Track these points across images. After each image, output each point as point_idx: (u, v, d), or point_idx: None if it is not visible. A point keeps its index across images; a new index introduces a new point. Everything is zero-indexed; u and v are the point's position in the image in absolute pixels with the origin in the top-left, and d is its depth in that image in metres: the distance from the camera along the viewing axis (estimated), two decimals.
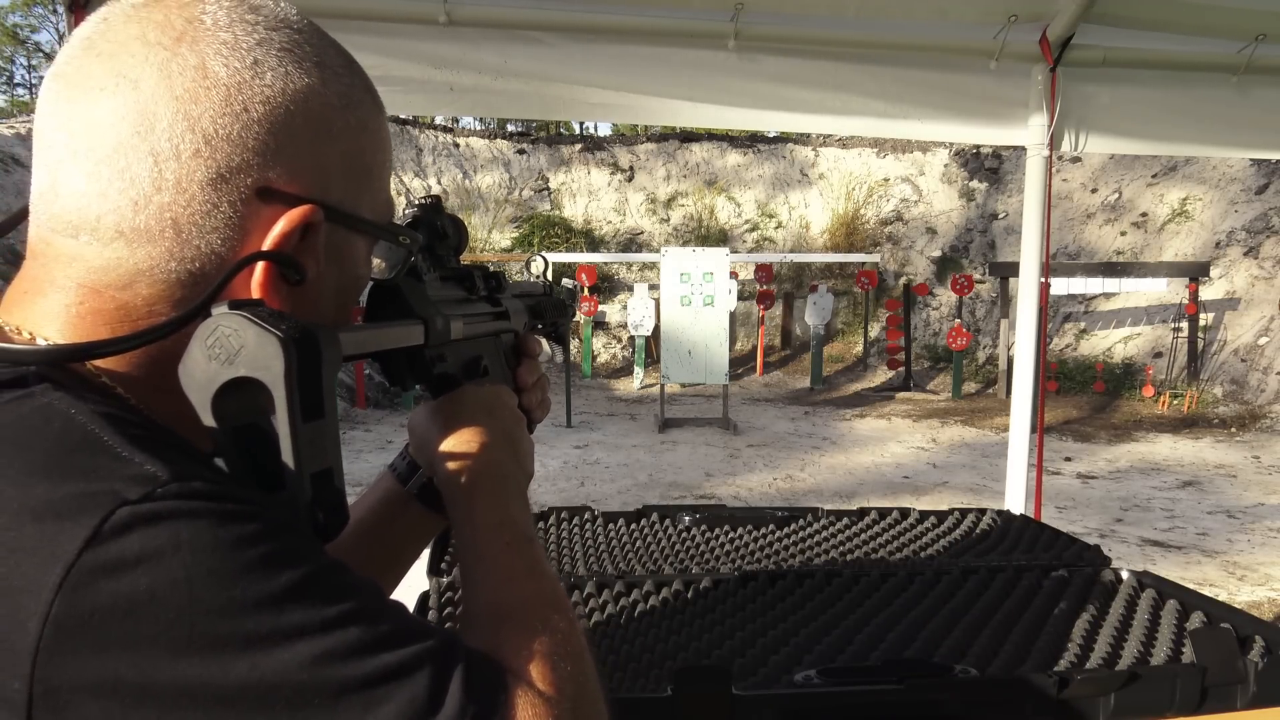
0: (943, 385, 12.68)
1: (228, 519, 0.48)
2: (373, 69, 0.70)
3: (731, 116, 2.47)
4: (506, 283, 0.94)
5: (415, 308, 0.72)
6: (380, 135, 0.67)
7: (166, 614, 0.45)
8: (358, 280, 0.68)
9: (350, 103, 0.63)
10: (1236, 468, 8.00)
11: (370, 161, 0.65)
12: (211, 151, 0.56)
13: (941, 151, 15.91)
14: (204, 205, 0.56)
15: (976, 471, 7.65)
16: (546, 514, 1.87)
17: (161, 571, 0.46)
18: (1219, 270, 11.85)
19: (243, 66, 0.57)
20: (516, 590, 0.66)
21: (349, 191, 0.63)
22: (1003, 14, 2.33)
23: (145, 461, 0.49)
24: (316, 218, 0.60)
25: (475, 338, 0.83)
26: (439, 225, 0.81)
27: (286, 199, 0.59)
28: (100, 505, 0.46)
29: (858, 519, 1.88)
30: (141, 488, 0.47)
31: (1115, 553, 4.86)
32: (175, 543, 0.46)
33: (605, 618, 1.32)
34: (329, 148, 0.61)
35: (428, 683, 0.51)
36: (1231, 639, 1.19)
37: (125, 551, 0.45)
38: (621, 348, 14.58)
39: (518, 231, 15.53)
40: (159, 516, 0.47)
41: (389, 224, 0.69)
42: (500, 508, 0.71)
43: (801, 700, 1.07)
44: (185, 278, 0.57)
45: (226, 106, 0.56)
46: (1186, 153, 4.83)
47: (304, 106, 0.59)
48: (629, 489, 6.91)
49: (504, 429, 0.78)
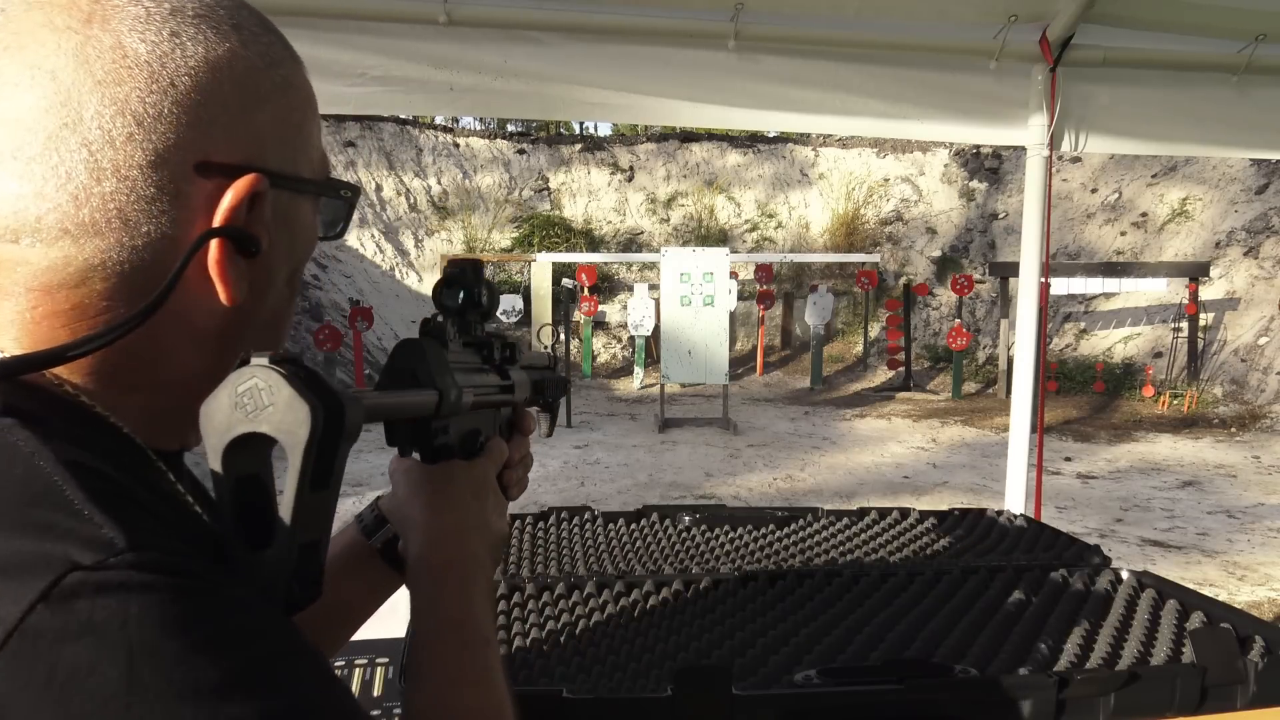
0: (943, 385, 12.68)
1: (180, 595, 0.46)
2: (373, 69, 0.71)
3: (731, 116, 2.47)
4: (520, 353, 0.92)
5: (435, 377, 0.70)
6: (305, 90, 0.64)
7: (103, 691, 0.42)
8: (309, 244, 0.67)
9: (273, 61, 0.61)
10: (1236, 468, 8.00)
11: (300, 119, 0.63)
12: (146, 133, 0.54)
13: (941, 151, 15.92)
14: (147, 189, 0.54)
15: (976, 471, 7.65)
16: (546, 514, 1.87)
17: (104, 646, 0.43)
18: (1219, 270, 11.85)
19: (161, 40, 0.55)
20: (464, 698, 0.64)
21: (286, 153, 0.61)
22: (1003, 14, 2.33)
23: (104, 524, 0.46)
24: (262, 186, 0.58)
25: (479, 409, 0.80)
26: (475, 292, 0.79)
27: (227, 170, 0.57)
28: (51, 568, 0.44)
29: (858, 519, 1.88)
30: (96, 553, 0.44)
31: (1115, 553, 4.86)
32: (123, 616, 0.43)
33: (605, 618, 1.32)
34: (260, 111, 0.59)
35: None
36: (1231, 639, 1.19)
37: (70, 620, 0.43)
38: (621, 348, 14.58)
39: (518, 231, 15.53)
40: (109, 586, 0.44)
41: (328, 180, 0.68)
42: (465, 604, 0.70)
43: (801, 700, 1.07)
44: (139, 266, 0.55)
45: (153, 83, 0.54)
46: (1186, 153, 4.83)
47: (230, 72, 0.57)
48: (629, 489, 6.91)
49: (486, 518, 0.76)
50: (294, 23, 2.13)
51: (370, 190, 15.24)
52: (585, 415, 10.57)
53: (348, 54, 2.17)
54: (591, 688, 1.10)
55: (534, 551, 1.65)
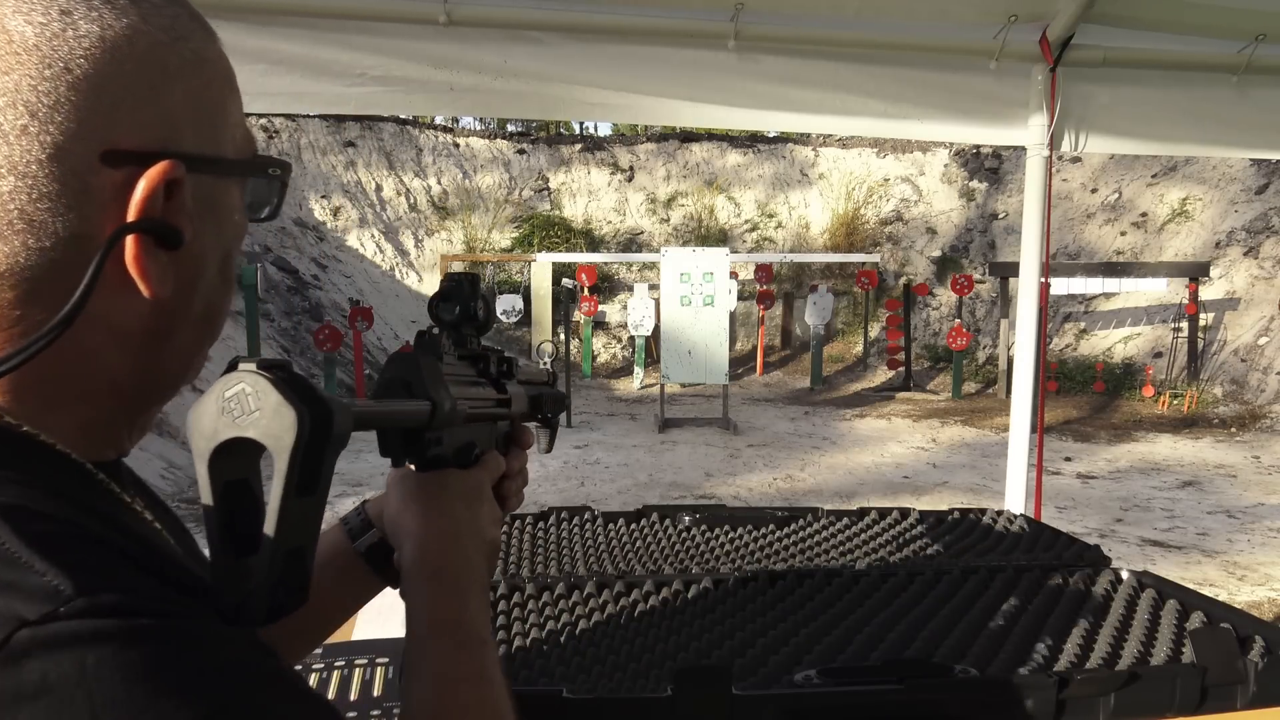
0: (943, 385, 12.68)
1: (139, 638, 0.43)
2: (373, 69, 0.70)
3: (731, 116, 2.47)
4: (517, 368, 0.92)
5: (428, 388, 0.70)
6: (219, 65, 0.59)
7: None
8: (237, 229, 0.62)
9: (179, 35, 0.56)
10: (1236, 468, 8.00)
11: (218, 95, 0.58)
12: (42, 124, 0.49)
13: (941, 151, 15.92)
14: (50, 185, 0.50)
15: (976, 471, 7.65)
16: (546, 514, 1.87)
17: (64, 705, 0.40)
18: (1219, 270, 11.85)
19: (50, 20, 0.50)
20: (462, 694, 0.63)
21: (204, 134, 0.57)
22: (1003, 14, 2.33)
23: (47, 571, 0.42)
24: (177, 172, 0.53)
25: (474, 421, 0.81)
26: (471, 306, 0.79)
27: (138, 158, 0.52)
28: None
29: (858, 519, 1.88)
30: (43, 605, 0.41)
31: (1115, 553, 4.86)
32: (80, 671, 0.40)
33: (605, 618, 1.32)
34: (169, 90, 0.54)
35: None
36: (1231, 639, 1.19)
37: (23, 682, 0.40)
38: (621, 348, 14.58)
39: (518, 231, 15.53)
40: (61, 640, 0.41)
41: (254, 158, 0.63)
42: (460, 606, 0.69)
43: (801, 700, 1.07)
44: (51, 269, 0.51)
45: (45, 69, 0.49)
46: (1186, 153, 4.83)
47: (131, 50, 0.52)
48: (629, 489, 6.91)
49: (480, 527, 0.75)
50: (294, 23, 2.14)
51: (370, 190, 15.24)
52: (585, 415, 10.57)
53: (348, 54, 2.17)
54: (591, 688, 1.10)
55: (534, 551, 1.65)
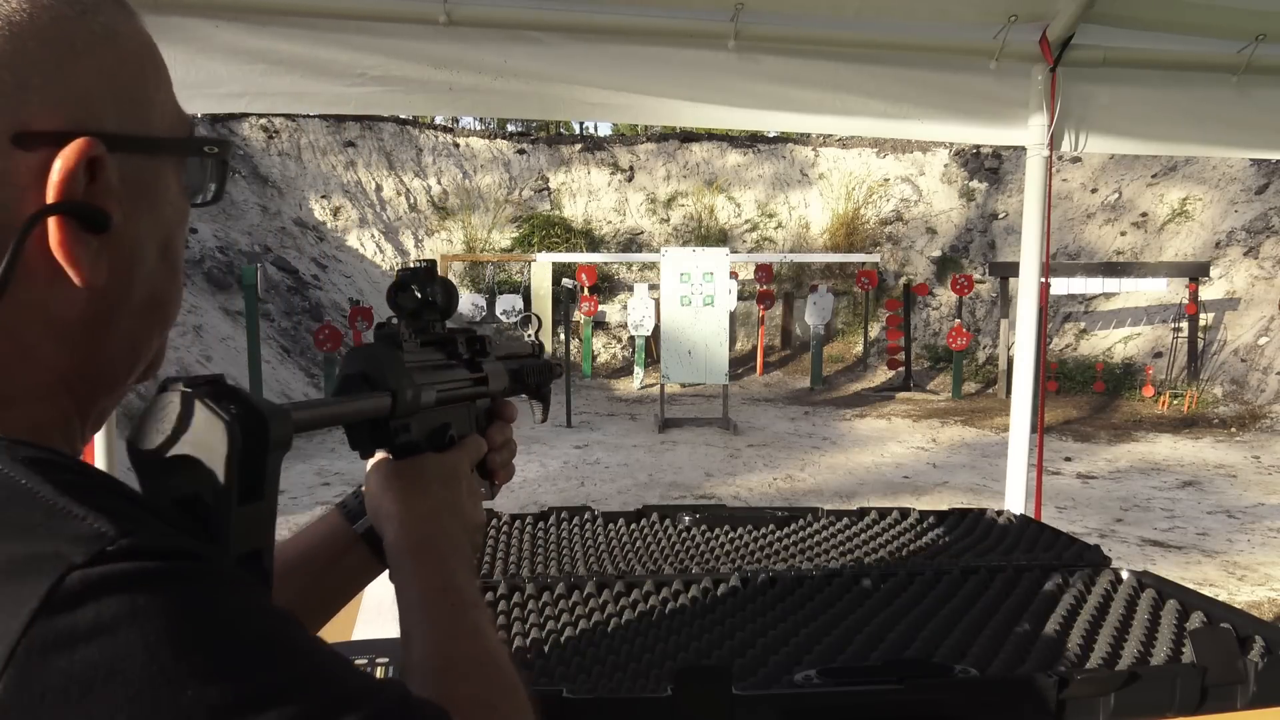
0: (943, 385, 12.68)
1: (183, 579, 0.44)
2: (373, 69, 0.70)
3: (731, 116, 2.47)
4: (492, 345, 0.94)
5: (387, 379, 0.71)
6: (138, 39, 0.57)
7: (127, 689, 0.40)
8: (177, 213, 0.60)
9: (85, 9, 0.53)
10: (1236, 468, 8.00)
11: (135, 71, 0.56)
12: None
13: (941, 151, 15.92)
14: None
15: (976, 471, 7.65)
16: (546, 514, 1.87)
17: (120, 643, 0.41)
18: (1219, 270, 11.85)
19: None
20: (460, 646, 0.65)
21: (125, 111, 0.54)
22: (1003, 14, 2.33)
23: (86, 515, 0.43)
24: (96, 150, 0.51)
25: (446, 404, 0.82)
26: (427, 293, 0.79)
27: (51, 139, 0.50)
28: (44, 571, 0.41)
29: (858, 519, 1.88)
30: (88, 548, 0.42)
31: (1115, 553, 4.86)
32: (132, 610, 0.41)
33: (605, 618, 1.32)
34: (78, 66, 0.52)
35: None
36: (1231, 639, 1.19)
37: (79, 623, 0.40)
38: (621, 348, 14.58)
39: (518, 231, 15.53)
40: (113, 582, 0.42)
41: (187, 138, 0.60)
42: (447, 574, 0.70)
43: (801, 700, 1.07)
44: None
45: None
46: (1186, 153, 4.83)
47: (32, 26, 0.50)
48: (629, 489, 6.91)
49: (457, 502, 0.77)
50: (294, 23, 2.14)
51: (370, 190, 15.24)
52: (585, 415, 10.58)
53: (348, 54, 2.17)
54: (591, 688, 1.10)
55: (534, 551, 1.65)
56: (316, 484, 6.93)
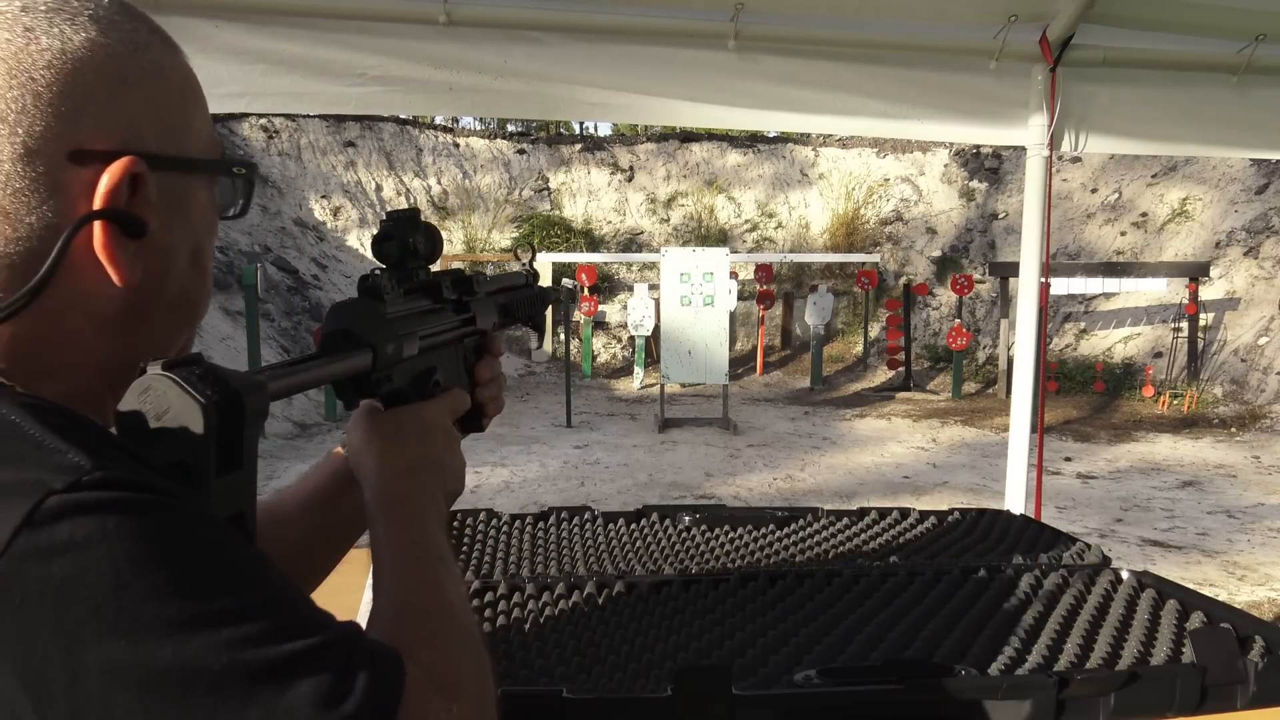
0: (943, 385, 12.67)
1: (151, 509, 0.50)
2: (373, 69, 0.71)
3: (731, 116, 2.47)
4: (479, 283, 0.95)
5: (367, 335, 0.74)
6: (181, 73, 0.66)
7: (94, 598, 0.46)
8: (208, 226, 0.68)
9: (138, 47, 0.62)
10: (1236, 468, 8.00)
11: (178, 100, 0.65)
12: (10, 129, 0.56)
13: (941, 151, 15.91)
14: (21, 182, 0.56)
15: (976, 471, 7.65)
16: (546, 514, 1.87)
17: (90, 558, 0.47)
18: (1219, 270, 11.85)
19: (14, 37, 0.57)
20: (422, 596, 0.69)
21: (166, 135, 0.63)
22: (1003, 14, 2.33)
23: (69, 450, 0.50)
24: (139, 167, 0.59)
25: (432, 349, 0.84)
26: (410, 241, 0.82)
27: (102, 157, 0.58)
28: (28, 493, 0.47)
29: (858, 519, 1.88)
30: (68, 476, 0.48)
31: (1115, 553, 4.85)
32: (102, 530, 0.47)
33: (605, 618, 1.32)
34: (129, 96, 0.60)
35: (335, 670, 0.53)
36: (1231, 639, 1.19)
37: (55, 539, 0.47)
38: (621, 348, 14.57)
39: (518, 231, 15.52)
40: (86, 506, 0.48)
41: (219, 159, 0.69)
42: (416, 527, 0.75)
43: (801, 700, 1.07)
44: (26, 257, 0.57)
45: (11, 79, 0.56)
46: (1186, 153, 4.83)
47: (90, 62, 0.59)
48: (629, 489, 6.90)
49: (435, 455, 0.81)
50: (294, 23, 2.14)
51: (370, 190, 15.23)
52: (585, 415, 10.57)
53: (348, 54, 2.17)
54: (591, 688, 1.10)
55: (534, 551, 1.65)
56: None
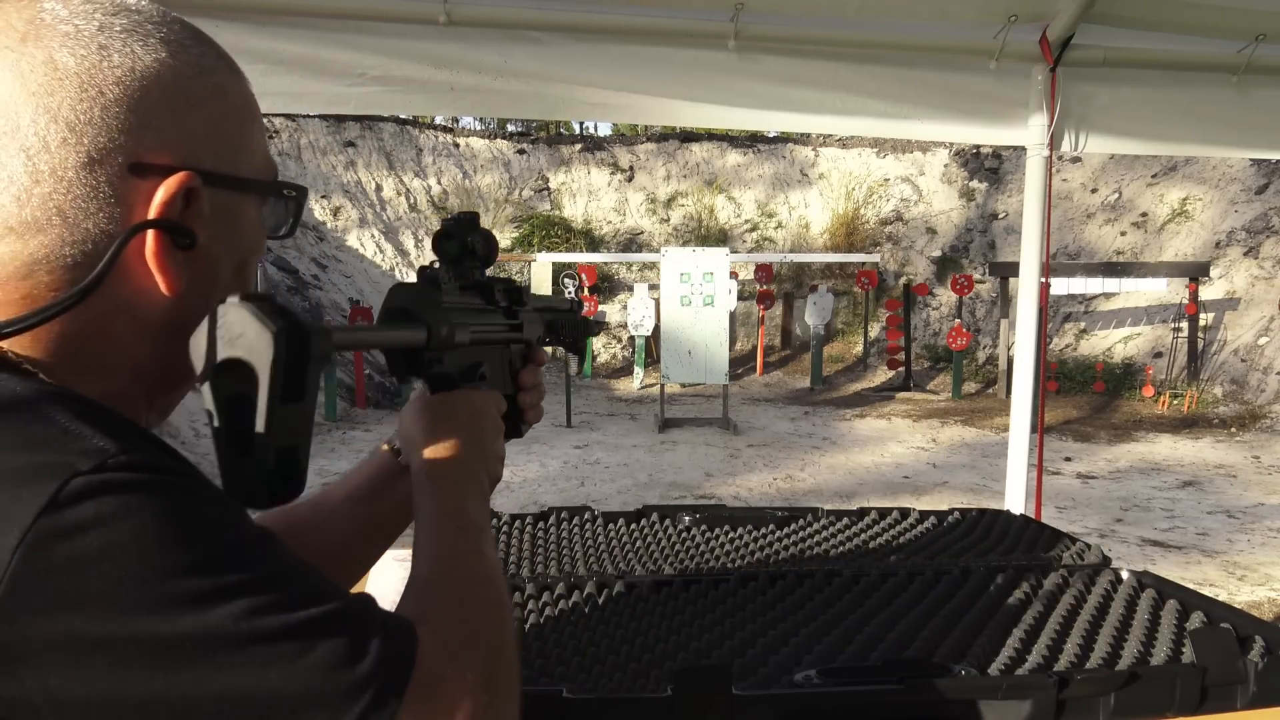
0: (943, 385, 12.67)
1: (170, 489, 0.53)
2: (373, 69, 0.72)
3: (731, 116, 2.47)
4: (528, 297, 1.01)
5: (423, 314, 0.79)
6: (242, 97, 0.69)
7: (117, 573, 0.49)
8: (253, 242, 0.71)
9: (204, 70, 0.65)
10: (1236, 468, 8.00)
11: (237, 123, 0.68)
12: (78, 138, 0.59)
13: (941, 151, 15.91)
14: (83, 189, 0.59)
15: (976, 471, 7.65)
16: (546, 514, 1.87)
17: (113, 534, 0.49)
18: (1219, 270, 11.85)
19: (89, 53, 0.60)
20: (456, 565, 0.71)
21: (222, 155, 0.66)
22: (1003, 14, 2.33)
23: (93, 435, 0.52)
24: (194, 183, 0.62)
25: (481, 344, 0.89)
26: (469, 241, 0.88)
27: (161, 170, 0.61)
28: (55, 475, 0.50)
29: (858, 519, 1.88)
30: (92, 459, 0.51)
31: (1115, 553, 4.85)
32: (125, 509, 0.50)
33: (605, 618, 1.32)
34: (191, 116, 0.64)
35: (349, 635, 0.55)
36: (1231, 639, 1.19)
37: (80, 517, 0.49)
38: (621, 348, 14.58)
39: (518, 231, 15.52)
40: (110, 486, 0.50)
41: (272, 180, 0.72)
42: (458, 499, 0.78)
43: (801, 700, 1.07)
44: (82, 260, 0.60)
45: (82, 93, 0.59)
46: (1186, 153, 4.83)
47: (157, 81, 0.62)
48: (629, 489, 6.90)
49: (479, 436, 0.84)
50: (294, 23, 2.14)
51: (370, 190, 15.23)
52: (585, 415, 10.57)
53: (348, 54, 2.17)
54: (591, 688, 1.10)
55: (534, 551, 1.65)
56: (317, 484, 6.83)
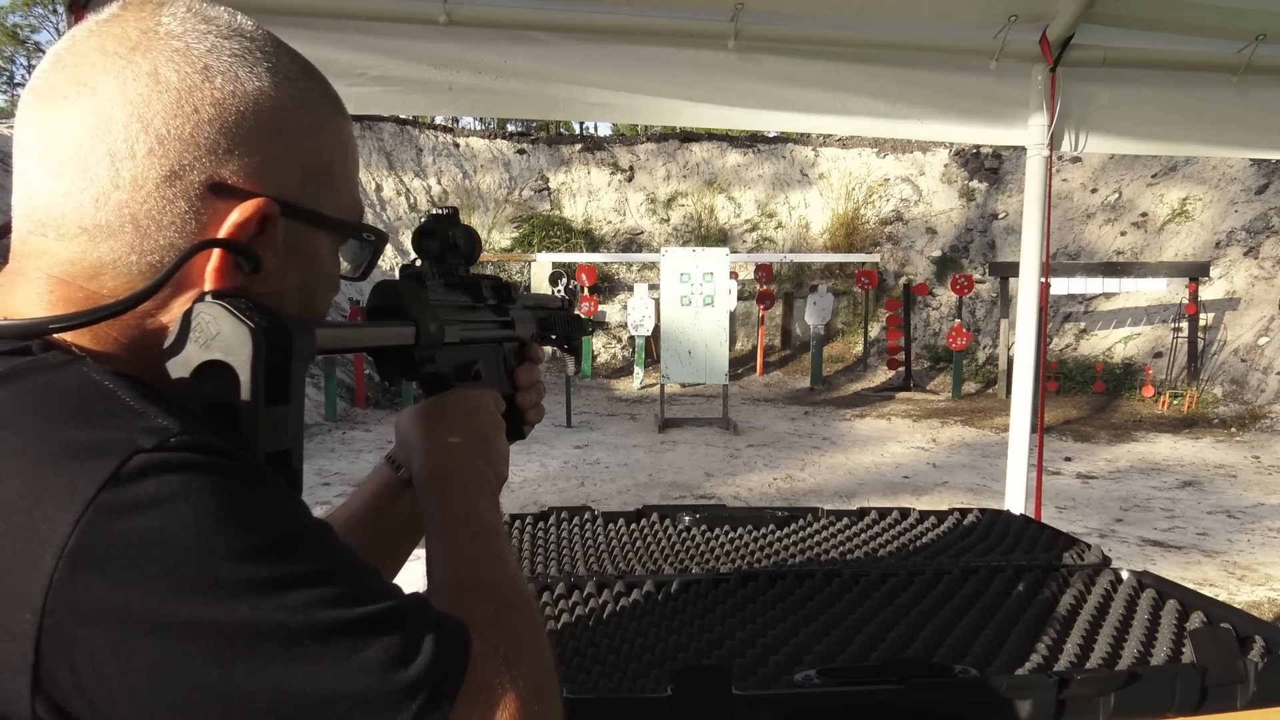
0: (943, 385, 12.67)
1: (233, 473, 0.52)
2: (373, 69, 0.72)
3: (731, 116, 2.47)
4: (518, 294, 0.99)
5: (410, 310, 0.76)
6: (338, 137, 0.70)
7: (176, 554, 0.49)
8: (325, 278, 0.71)
9: (304, 105, 0.66)
10: (1236, 468, 8.00)
11: (328, 161, 0.68)
12: (164, 150, 0.59)
13: (941, 151, 15.91)
14: (160, 201, 0.59)
15: (976, 471, 7.65)
16: (546, 514, 1.87)
17: (173, 514, 0.49)
18: (1219, 270, 11.85)
19: (193, 71, 0.60)
20: (480, 572, 0.70)
21: (307, 189, 0.66)
22: (1003, 14, 2.33)
23: (158, 415, 0.52)
24: (271, 210, 0.62)
25: (472, 343, 0.87)
26: (450, 236, 0.86)
27: (240, 194, 0.61)
28: (118, 451, 0.50)
29: (858, 519, 1.88)
30: (156, 437, 0.51)
31: (1115, 553, 4.85)
32: (186, 489, 0.50)
33: (605, 618, 1.32)
34: (283, 146, 0.64)
35: (404, 634, 0.54)
36: (1231, 639, 1.19)
37: (141, 494, 0.49)
38: (621, 348, 14.58)
39: (518, 231, 15.52)
40: (171, 465, 0.50)
41: (353, 222, 0.72)
42: (468, 502, 0.76)
43: (801, 700, 1.07)
44: (147, 270, 0.60)
45: (178, 108, 0.59)
46: (1186, 153, 4.83)
47: (255, 108, 0.62)
48: (629, 489, 6.90)
49: (480, 433, 0.82)
50: (294, 23, 2.14)
51: (370, 190, 15.23)
52: (585, 415, 10.57)
53: (348, 54, 2.17)
54: (591, 688, 1.10)
55: (534, 551, 1.65)
56: (317, 484, 6.93)
